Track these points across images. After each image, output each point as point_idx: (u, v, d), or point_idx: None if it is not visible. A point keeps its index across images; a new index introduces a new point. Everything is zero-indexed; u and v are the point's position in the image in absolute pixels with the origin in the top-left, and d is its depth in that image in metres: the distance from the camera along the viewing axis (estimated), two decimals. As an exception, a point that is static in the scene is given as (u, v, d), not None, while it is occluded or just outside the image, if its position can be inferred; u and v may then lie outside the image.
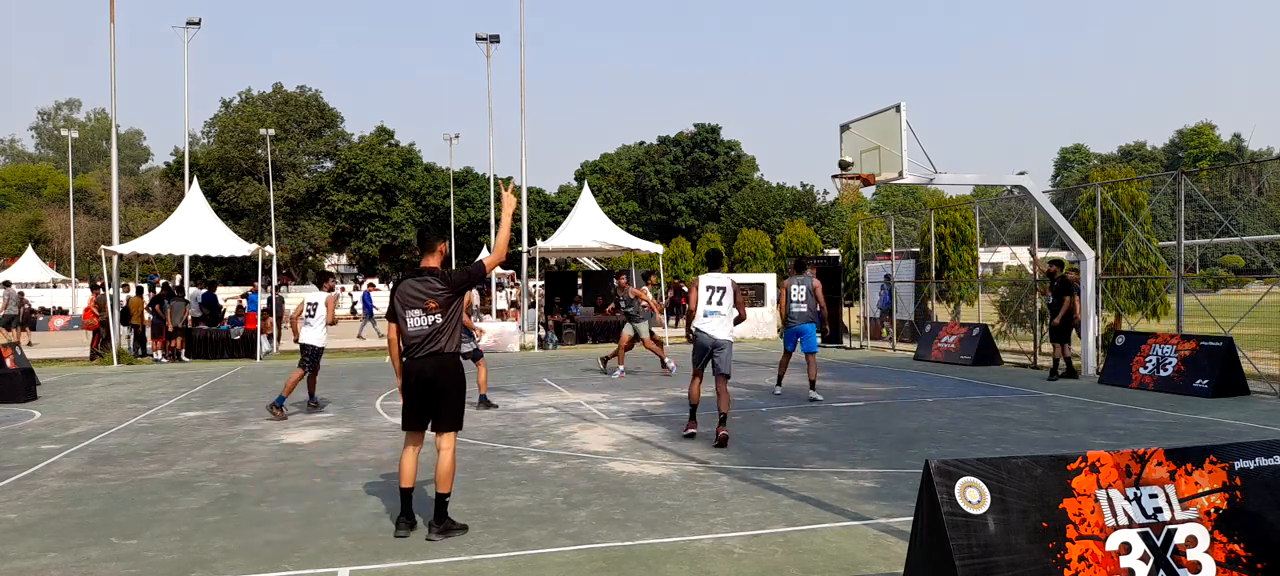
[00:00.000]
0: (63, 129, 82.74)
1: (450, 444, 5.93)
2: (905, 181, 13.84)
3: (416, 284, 5.96)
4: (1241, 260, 64.09)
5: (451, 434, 5.95)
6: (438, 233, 6.27)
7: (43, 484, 7.78)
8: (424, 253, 6.15)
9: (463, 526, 6.02)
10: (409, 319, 5.90)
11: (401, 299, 5.95)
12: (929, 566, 4.06)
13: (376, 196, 70.08)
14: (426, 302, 5.89)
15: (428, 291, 5.91)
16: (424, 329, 5.89)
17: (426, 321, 5.89)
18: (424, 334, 5.89)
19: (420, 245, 6.21)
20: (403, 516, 5.98)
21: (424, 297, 5.90)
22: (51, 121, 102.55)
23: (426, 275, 6.00)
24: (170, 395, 14.28)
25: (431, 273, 6.03)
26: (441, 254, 6.20)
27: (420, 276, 6.00)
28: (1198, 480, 4.24)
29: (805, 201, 66.81)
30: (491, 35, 32.03)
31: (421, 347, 5.90)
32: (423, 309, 5.89)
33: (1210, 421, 10.06)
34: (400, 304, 5.96)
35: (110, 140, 26.73)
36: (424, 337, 5.89)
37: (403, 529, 5.92)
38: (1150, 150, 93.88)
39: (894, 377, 15.20)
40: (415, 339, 5.90)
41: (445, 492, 5.91)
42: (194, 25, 32.61)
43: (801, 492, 6.94)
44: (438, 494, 5.92)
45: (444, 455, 5.90)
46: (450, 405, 5.94)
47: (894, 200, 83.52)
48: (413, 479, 6.00)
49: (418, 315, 5.89)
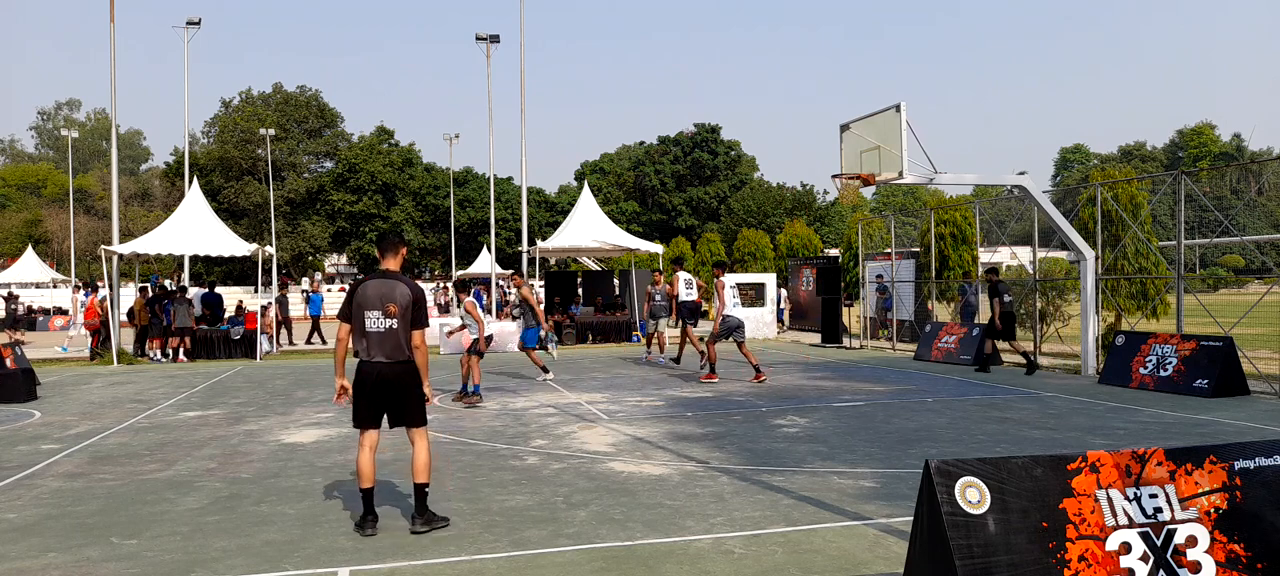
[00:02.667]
0: (63, 129, 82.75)
1: (423, 436, 6.09)
2: (905, 181, 13.85)
3: (379, 286, 6.02)
4: (1241, 260, 64.11)
5: (422, 428, 6.11)
6: (400, 237, 6.38)
7: (43, 484, 7.79)
8: (386, 255, 6.23)
9: (444, 519, 6.14)
10: (368, 319, 5.97)
11: (362, 299, 6.00)
12: (929, 566, 4.06)
13: (376, 196, 70.07)
14: (387, 305, 5.97)
15: (391, 295, 5.99)
16: (382, 330, 5.97)
17: (385, 323, 5.97)
18: (381, 334, 5.97)
19: (383, 247, 6.26)
20: (368, 516, 6.04)
21: (386, 300, 5.97)
22: (51, 121, 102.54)
23: (391, 278, 6.08)
24: (170, 395, 14.28)
25: (396, 276, 6.11)
26: (402, 258, 6.29)
27: (384, 278, 6.07)
28: (1198, 480, 4.24)
29: (805, 201, 66.82)
30: (491, 35, 32.03)
31: (379, 349, 5.98)
32: (382, 311, 5.97)
33: (1210, 421, 10.06)
34: (360, 304, 6.00)
35: (110, 140, 26.74)
36: (382, 338, 5.97)
37: (370, 527, 5.99)
38: (1150, 150, 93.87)
39: (894, 377, 15.20)
40: (373, 340, 5.97)
41: (425, 483, 6.04)
42: (194, 25, 32.63)
43: (801, 492, 6.94)
44: (418, 485, 6.03)
45: (419, 447, 6.04)
46: (414, 403, 6.09)
47: (894, 200, 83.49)
48: (372, 478, 6.09)
49: (377, 316, 5.97)
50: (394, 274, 6.13)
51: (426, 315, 6.12)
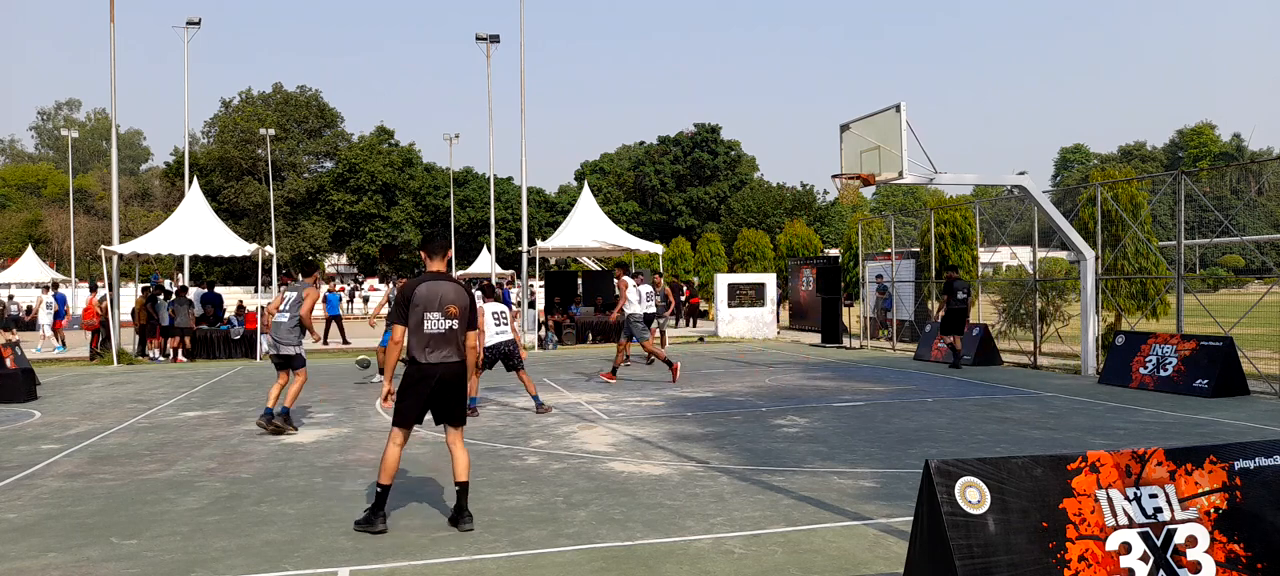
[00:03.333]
0: (63, 129, 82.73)
1: (462, 436, 6.21)
2: (905, 181, 13.85)
3: (435, 287, 6.02)
4: (1241, 260, 64.13)
5: (462, 428, 6.22)
6: (448, 239, 6.37)
7: (43, 484, 7.79)
8: (435, 256, 6.21)
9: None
10: (427, 321, 5.97)
11: (419, 301, 5.98)
12: (929, 566, 4.06)
13: (376, 196, 70.09)
14: (447, 307, 5.99)
15: (449, 296, 6.02)
16: (443, 331, 5.99)
17: (446, 325, 6.00)
18: (442, 335, 5.99)
19: (431, 249, 6.24)
20: (381, 513, 6.06)
21: (445, 302, 6.00)
22: (51, 121, 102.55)
23: (443, 279, 6.08)
24: (170, 395, 14.28)
25: (448, 278, 6.12)
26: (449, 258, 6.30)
27: (439, 280, 6.07)
28: (1198, 480, 4.24)
29: (805, 201, 66.81)
30: (491, 35, 32.05)
31: (439, 349, 5.99)
32: (443, 313, 5.99)
33: (1210, 421, 10.06)
34: (419, 305, 5.98)
35: (110, 140, 26.74)
36: (442, 339, 6.00)
37: (381, 524, 6.02)
38: (1150, 150, 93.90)
39: (894, 377, 15.20)
40: (433, 340, 5.98)
41: (468, 481, 6.18)
42: (194, 25, 32.65)
43: (801, 492, 6.94)
44: (463, 483, 6.11)
45: (462, 447, 6.16)
46: (460, 403, 6.19)
47: (894, 200, 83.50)
48: (394, 475, 6.12)
49: (437, 318, 5.99)
50: (445, 275, 6.14)
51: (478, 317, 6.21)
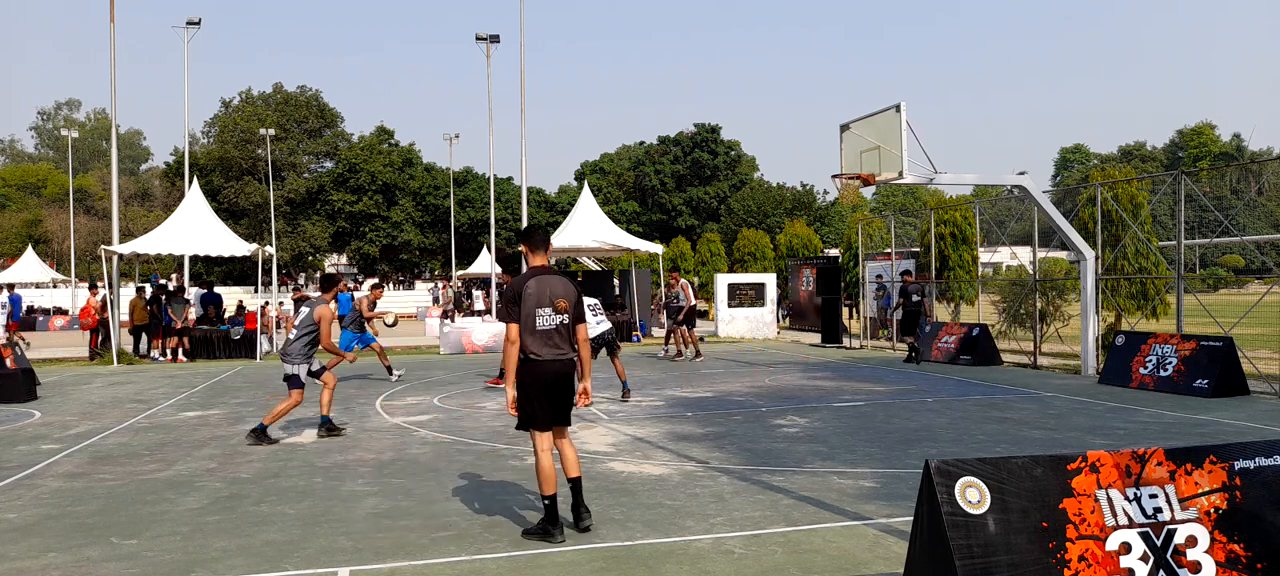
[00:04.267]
0: (63, 129, 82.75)
1: (567, 433, 6.09)
2: (905, 181, 13.84)
3: (543, 282, 5.91)
4: (1241, 260, 64.14)
5: (568, 426, 6.10)
6: (547, 232, 6.21)
7: (43, 484, 7.78)
8: (538, 251, 6.09)
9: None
10: (539, 317, 5.86)
11: (529, 298, 5.88)
12: (929, 566, 4.06)
13: (376, 196, 70.07)
14: (557, 302, 5.88)
15: (558, 291, 5.91)
16: (553, 327, 5.89)
17: (556, 320, 5.89)
18: (552, 332, 5.89)
19: (532, 242, 6.10)
20: (556, 524, 5.86)
21: (555, 297, 5.89)
22: (51, 121, 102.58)
23: (549, 274, 5.97)
24: (170, 395, 14.28)
25: (554, 272, 6.01)
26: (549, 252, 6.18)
27: (544, 275, 5.95)
28: (1198, 480, 4.23)
29: (805, 201, 66.83)
30: (491, 35, 32.02)
31: (551, 346, 5.88)
32: (553, 308, 5.88)
33: (1210, 421, 10.06)
34: (530, 302, 5.87)
35: (110, 140, 26.73)
36: (553, 336, 5.89)
37: (560, 535, 5.82)
38: (1150, 150, 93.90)
39: (894, 377, 15.20)
40: (544, 337, 5.87)
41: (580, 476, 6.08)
42: (194, 25, 32.63)
43: (801, 492, 6.94)
44: (575, 480, 6.01)
45: (569, 444, 6.05)
46: (571, 402, 6.07)
47: (894, 200, 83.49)
48: (556, 483, 5.92)
49: (548, 314, 5.88)
50: (551, 270, 6.00)
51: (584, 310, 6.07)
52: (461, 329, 23.63)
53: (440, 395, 13.54)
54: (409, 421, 11.00)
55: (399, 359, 21.06)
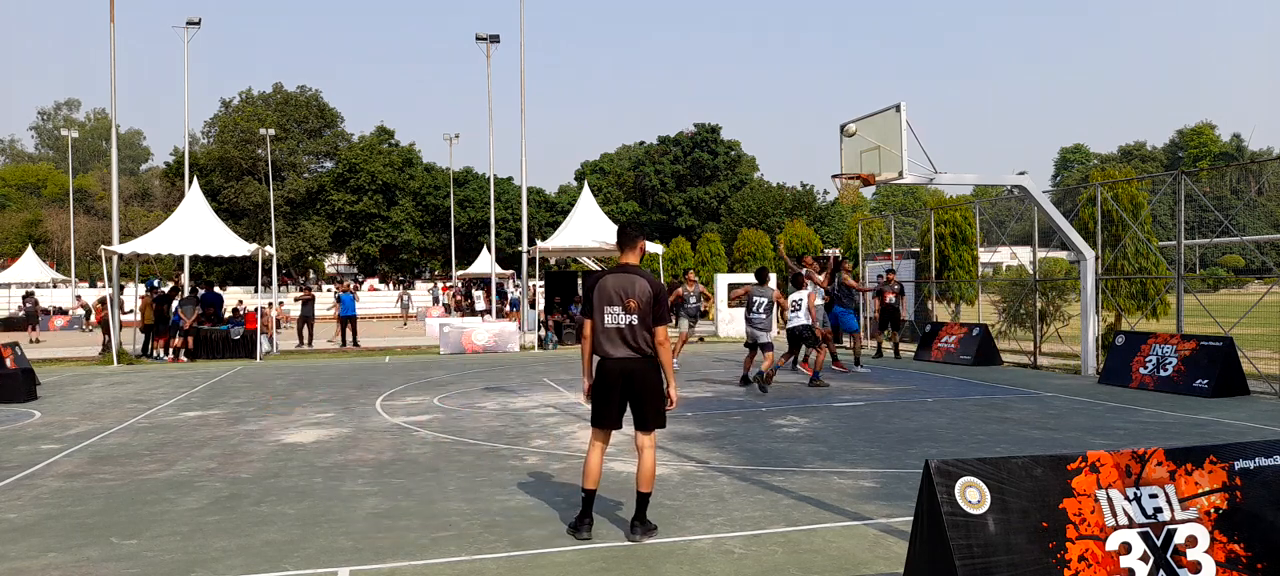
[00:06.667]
0: (63, 129, 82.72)
1: (652, 443, 5.91)
2: (905, 181, 13.84)
3: (619, 280, 5.85)
4: (1241, 260, 64.14)
5: (653, 433, 5.92)
6: (640, 231, 6.13)
7: (43, 484, 7.78)
8: (626, 249, 6.05)
9: (655, 525, 5.94)
10: (607, 314, 5.81)
11: (602, 294, 5.84)
12: (929, 566, 4.06)
13: (376, 196, 70.09)
14: (627, 300, 5.80)
15: (630, 289, 5.82)
16: (621, 325, 5.81)
17: (625, 319, 5.80)
18: (620, 330, 5.81)
19: (623, 241, 6.06)
20: (587, 519, 5.86)
21: (625, 295, 5.81)
22: (51, 121, 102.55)
23: (630, 272, 5.90)
24: (170, 395, 14.28)
25: (636, 270, 5.93)
26: (641, 251, 6.09)
27: (623, 273, 5.89)
28: (1198, 480, 4.23)
29: (805, 201, 66.79)
30: (491, 35, 32.03)
31: (618, 344, 5.82)
32: (623, 306, 5.81)
33: (1210, 421, 10.06)
34: (599, 299, 5.85)
35: (110, 140, 26.73)
36: (620, 334, 5.81)
37: (586, 531, 5.81)
38: (1150, 150, 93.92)
39: (894, 377, 15.20)
40: (612, 335, 5.82)
41: (649, 492, 5.86)
42: (194, 25, 32.64)
43: (801, 492, 6.94)
44: (642, 493, 5.85)
45: (647, 454, 5.85)
46: (654, 403, 5.88)
47: (894, 200, 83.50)
48: (598, 480, 5.89)
49: (616, 311, 5.81)
50: (634, 268, 5.93)
51: (667, 311, 5.90)
52: (461, 328, 23.62)
53: (440, 395, 13.53)
54: (409, 421, 11.00)
55: (398, 359, 21.07)
